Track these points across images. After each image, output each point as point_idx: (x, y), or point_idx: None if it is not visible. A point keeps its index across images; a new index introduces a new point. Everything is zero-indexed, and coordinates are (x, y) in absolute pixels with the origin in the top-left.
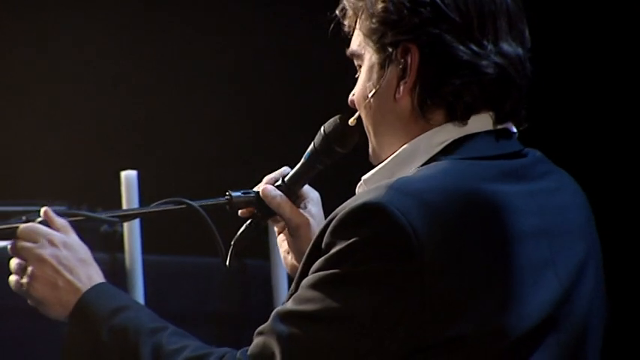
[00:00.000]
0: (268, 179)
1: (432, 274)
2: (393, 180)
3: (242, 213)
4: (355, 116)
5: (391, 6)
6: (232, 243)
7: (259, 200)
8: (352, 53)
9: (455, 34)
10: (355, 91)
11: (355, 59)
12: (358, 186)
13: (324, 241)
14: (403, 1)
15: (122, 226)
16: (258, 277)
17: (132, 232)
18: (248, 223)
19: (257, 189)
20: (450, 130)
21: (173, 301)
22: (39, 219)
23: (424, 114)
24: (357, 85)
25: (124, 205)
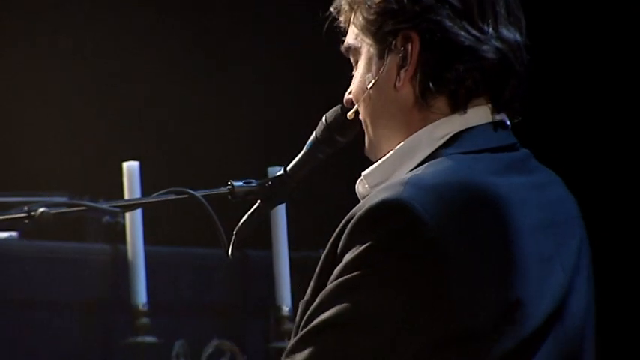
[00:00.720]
0: None
1: (454, 268)
2: (407, 177)
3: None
4: (353, 110)
5: None
6: (234, 233)
7: (261, 190)
8: (348, 47)
9: (455, 20)
10: (352, 87)
11: (351, 54)
12: (358, 182)
13: (342, 243)
14: None
15: (124, 217)
16: (259, 268)
17: (134, 223)
18: (250, 213)
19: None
20: (451, 124)
21: (175, 292)
22: (40, 210)
23: (426, 101)
24: (354, 80)
25: (126, 197)
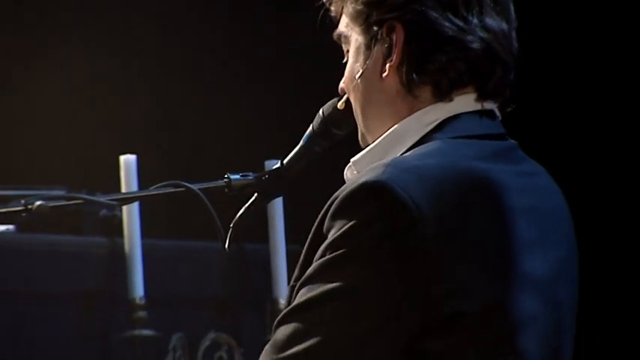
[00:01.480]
0: None
1: (436, 249)
2: (390, 159)
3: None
4: (344, 99)
5: None
6: (231, 226)
7: (258, 183)
8: (339, 35)
9: (439, 10)
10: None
11: (343, 42)
12: (347, 168)
13: (325, 226)
14: None
15: (121, 210)
16: (257, 261)
17: (131, 217)
18: (247, 206)
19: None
20: (439, 110)
21: (172, 285)
22: (37, 203)
23: (411, 91)
24: (346, 70)
25: (123, 190)
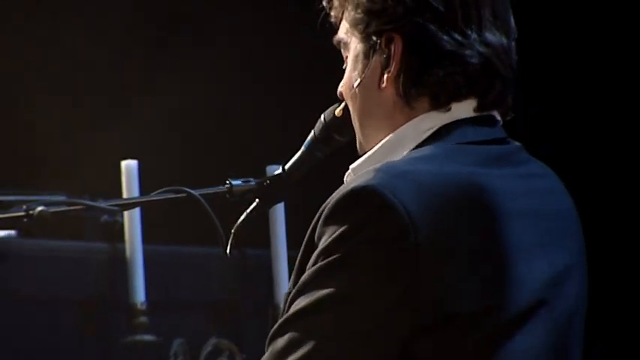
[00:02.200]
0: None
1: (426, 253)
2: (379, 165)
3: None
4: (342, 106)
5: None
6: (232, 231)
7: (260, 188)
8: (339, 41)
9: (439, 24)
10: (342, 82)
11: (342, 48)
12: (346, 175)
13: (317, 233)
14: None
15: (122, 216)
16: (258, 267)
17: (132, 222)
18: (248, 212)
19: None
20: (437, 117)
21: (173, 291)
22: (39, 208)
23: (409, 102)
24: (345, 76)
25: (125, 195)
